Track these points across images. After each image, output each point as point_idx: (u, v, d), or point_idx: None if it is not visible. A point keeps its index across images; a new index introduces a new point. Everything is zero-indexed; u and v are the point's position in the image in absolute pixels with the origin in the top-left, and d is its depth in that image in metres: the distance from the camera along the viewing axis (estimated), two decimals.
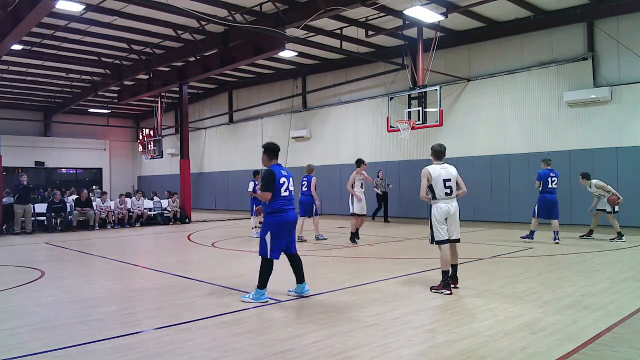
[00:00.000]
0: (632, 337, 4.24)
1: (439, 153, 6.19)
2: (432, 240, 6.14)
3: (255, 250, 10.33)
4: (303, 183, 11.46)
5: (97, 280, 7.36)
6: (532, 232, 10.86)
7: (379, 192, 16.27)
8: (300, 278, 5.93)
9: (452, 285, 6.05)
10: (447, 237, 6.05)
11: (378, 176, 16.19)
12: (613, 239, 10.54)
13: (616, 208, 10.86)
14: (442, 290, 5.90)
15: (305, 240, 11.38)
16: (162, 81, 19.33)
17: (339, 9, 12.04)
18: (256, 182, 12.40)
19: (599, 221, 11.14)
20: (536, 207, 10.85)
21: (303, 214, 11.38)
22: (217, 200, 26.24)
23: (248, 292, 5.85)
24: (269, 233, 5.68)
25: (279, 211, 5.67)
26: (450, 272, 6.03)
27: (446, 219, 6.05)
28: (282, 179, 5.69)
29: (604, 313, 4.93)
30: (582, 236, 11.25)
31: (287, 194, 5.71)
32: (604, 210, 10.93)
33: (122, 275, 7.87)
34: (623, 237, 10.48)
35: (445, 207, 6.04)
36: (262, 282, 5.69)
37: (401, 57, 16.59)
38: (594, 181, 11.04)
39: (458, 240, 6.19)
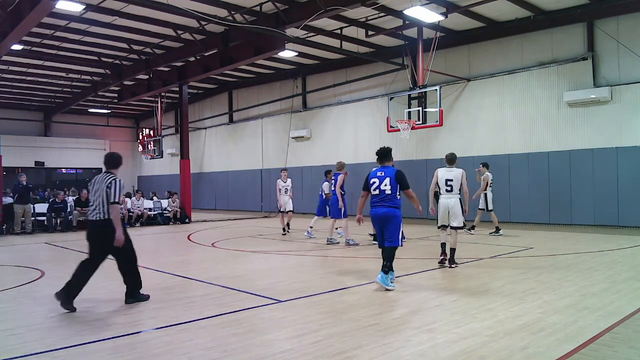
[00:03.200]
0: (632, 337, 4.24)
1: (449, 160, 7.99)
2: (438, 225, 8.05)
3: (253, 250, 10.36)
4: (331, 183, 10.95)
5: (97, 280, 7.34)
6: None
7: None
8: (382, 267, 6.39)
9: (452, 266, 7.69)
10: (444, 224, 7.89)
11: None
12: (491, 233, 12.26)
13: (489, 206, 12.41)
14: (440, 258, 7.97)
15: (338, 242, 10.88)
16: (162, 81, 19.33)
17: (339, 9, 12.04)
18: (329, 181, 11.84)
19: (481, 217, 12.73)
20: None
21: (332, 214, 10.97)
22: (217, 200, 26.24)
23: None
24: None
25: (371, 206, 6.64)
26: (446, 244, 7.95)
27: (448, 211, 7.76)
28: (373, 180, 6.61)
29: (604, 313, 4.94)
30: (491, 233, 12.37)
31: (376, 192, 6.54)
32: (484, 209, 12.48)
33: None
34: (500, 232, 12.19)
35: (445, 202, 7.81)
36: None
37: (401, 57, 16.58)
38: (489, 173, 12.42)
39: (455, 228, 7.83)
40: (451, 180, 7.70)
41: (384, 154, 6.70)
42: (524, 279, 6.68)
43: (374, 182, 6.58)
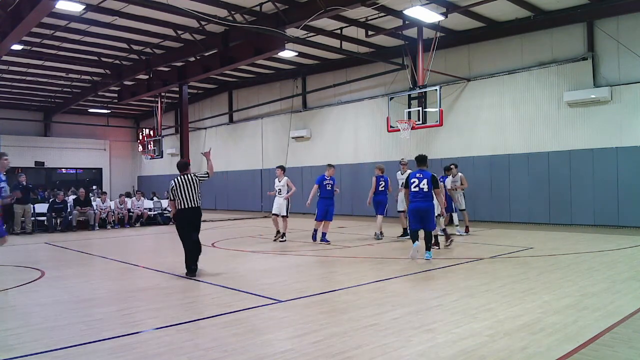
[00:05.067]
0: (632, 337, 4.24)
1: (449, 169, 10.72)
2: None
3: (252, 250, 10.37)
4: (380, 183, 11.79)
5: (97, 280, 7.36)
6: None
7: None
8: (426, 247, 8.35)
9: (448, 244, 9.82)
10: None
11: None
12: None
13: (463, 205, 12.39)
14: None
15: (381, 238, 11.67)
16: (162, 81, 19.32)
17: (339, 9, 12.04)
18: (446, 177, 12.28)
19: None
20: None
21: (381, 212, 11.86)
22: (217, 200, 26.24)
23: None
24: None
25: (410, 201, 8.41)
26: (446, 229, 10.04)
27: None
28: (413, 180, 8.39)
29: (604, 313, 4.94)
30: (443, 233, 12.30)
31: (416, 190, 8.31)
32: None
33: (122, 275, 7.87)
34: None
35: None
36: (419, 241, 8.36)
37: (401, 57, 16.57)
38: (461, 174, 12.37)
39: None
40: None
41: (422, 160, 8.53)
42: (524, 279, 6.68)
43: (413, 182, 8.34)
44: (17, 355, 3.96)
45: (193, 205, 7.55)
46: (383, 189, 11.80)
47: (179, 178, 7.74)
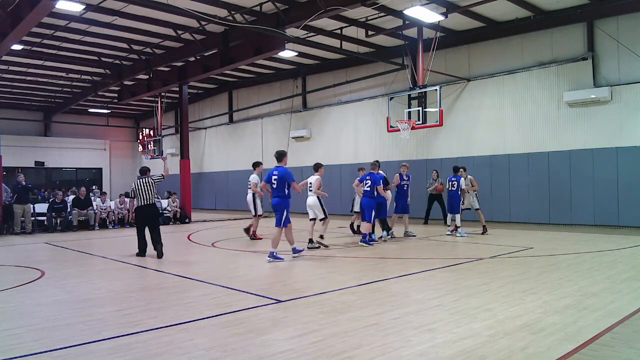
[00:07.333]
0: (632, 337, 4.24)
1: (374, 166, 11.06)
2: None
3: (253, 250, 10.37)
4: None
5: (97, 280, 7.36)
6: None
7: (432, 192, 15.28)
8: (382, 229, 11.28)
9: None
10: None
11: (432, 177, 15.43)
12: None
13: (477, 205, 12.41)
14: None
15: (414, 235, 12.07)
16: (162, 81, 19.32)
17: (339, 9, 12.04)
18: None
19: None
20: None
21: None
22: (217, 200, 26.24)
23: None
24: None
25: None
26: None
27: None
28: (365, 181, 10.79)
29: (604, 313, 4.93)
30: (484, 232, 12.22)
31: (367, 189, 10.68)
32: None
33: (122, 275, 7.87)
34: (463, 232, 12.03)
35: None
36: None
37: (401, 57, 16.58)
38: (470, 177, 12.47)
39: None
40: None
41: (375, 165, 10.97)
42: (524, 279, 6.68)
43: (366, 183, 10.67)
44: (17, 355, 3.96)
45: (147, 203, 9.35)
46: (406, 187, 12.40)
47: (139, 181, 9.39)
